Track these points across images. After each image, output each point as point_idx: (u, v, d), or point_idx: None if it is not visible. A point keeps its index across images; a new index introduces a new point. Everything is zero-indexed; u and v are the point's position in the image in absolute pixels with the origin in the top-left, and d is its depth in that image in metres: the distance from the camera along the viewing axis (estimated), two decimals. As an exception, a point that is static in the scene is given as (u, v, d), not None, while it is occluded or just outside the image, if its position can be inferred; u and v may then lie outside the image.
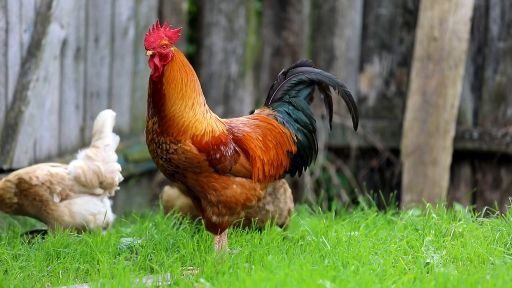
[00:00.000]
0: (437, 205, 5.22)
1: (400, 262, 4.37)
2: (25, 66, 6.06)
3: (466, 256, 4.47)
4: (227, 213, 4.43)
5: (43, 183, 5.09)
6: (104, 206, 5.19)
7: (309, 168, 5.25)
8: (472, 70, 7.48)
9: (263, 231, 4.85)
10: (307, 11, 7.80)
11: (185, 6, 7.77)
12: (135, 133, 7.42)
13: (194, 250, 4.55)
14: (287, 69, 4.64)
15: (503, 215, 5.06)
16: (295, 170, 4.63)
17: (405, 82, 7.67)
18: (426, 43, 7.42)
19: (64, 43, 6.47)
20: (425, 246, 4.59)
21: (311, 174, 7.70)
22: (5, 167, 5.92)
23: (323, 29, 7.80)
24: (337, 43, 7.77)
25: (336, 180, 7.73)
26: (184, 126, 4.35)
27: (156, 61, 4.34)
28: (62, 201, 5.11)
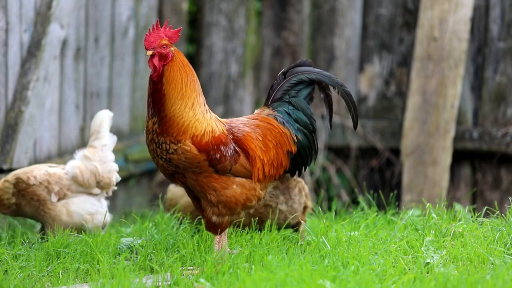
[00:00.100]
0: (437, 205, 5.22)
1: (400, 262, 4.37)
2: (25, 66, 6.06)
3: (466, 256, 4.47)
4: (227, 213, 4.43)
5: (40, 183, 5.09)
6: (101, 206, 5.19)
7: (309, 168, 5.25)
8: (472, 70, 7.48)
9: (263, 231, 4.84)
10: (307, 11, 7.80)
11: (185, 6, 7.77)
12: (135, 133, 7.42)
13: (194, 250, 4.55)
14: (286, 69, 4.63)
15: (503, 215, 5.06)
16: (295, 170, 4.62)
17: (405, 82, 7.66)
18: (426, 43, 7.41)
19: (64, 43, 6.47)
20: (425, 246, 4.59)
21: (311, 174, 7.70)
22: (5, 167, 5.92)
23: (323, 29, 7.80)
24: (337, 43, 7.77)
25: (336, 180, 7.72)
26: (184, 126, 4.34)
27: (156, 61, 4.34)
28: (59, 200, 5.11)
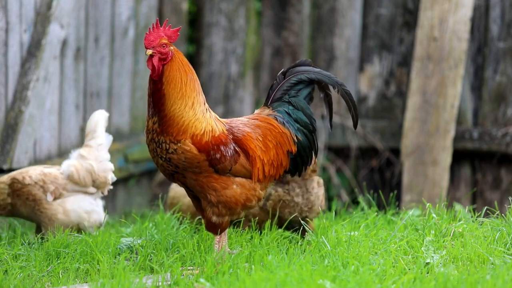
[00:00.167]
0: (437, 205, 5.22)
1: (400, 262, 4.37)
2: (25, 66, 6.05)
3: (466, 256, 4.47)
4: (227, 214, 4.43)
5: (36, 182, 5.10)
6: (97, 205, 5.21)
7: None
8: (472, 70, 7.48)
9: (263, 231, 4.84)
10: (307, 11, 7.80)
11: (185, 6, 7.77)
12: (135, 133, 7.42)
13: (194, 250, 4.55)
14: (286, 69, 4.63)
15: (503, 215, 5.06)
16: (295, 170, 4.62)
17: (405, 82, 7.66)
18: (426, 43, 7.41)
19: (64, 43, 6.47)
20: (425, 246, 4.59)
21: (311, 174, 7.69)
22: (5, 167, 5.92)
23: (323, 29, 7.79)
24: (337, 43, 7.77)
25: (336, 180, 7.72)
26: (184, 125, 4.34)
27: (155, 61, 4.34)
28: (55, 200, 5.12)
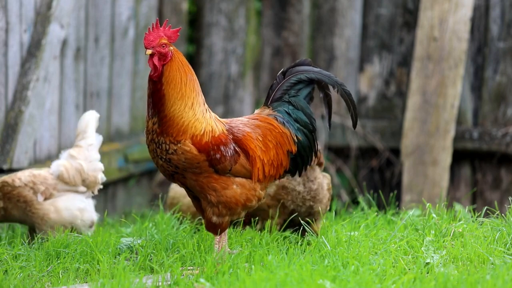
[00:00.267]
0: (437, 205, 5.22)
1: (400, 262, 4.37)
2: (25, 66, 6.05)
3: (466, 256, 4.47)
4: (227, 214, 4.43)
5: (26, 184, 5.13)
6: (89, 203, 5.23)
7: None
8: (472, 70, 7.48)
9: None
10: (307, 11, 7.80)
11: (185, 6, 7.77)
12: (135, 133, 7.42)
13: (194, 250, 4.55)
14: (286, 69, 4.62)
15: (503, 215, 5.06)
16: (295, 170, 4.62)
17: (405, 82, 7.66)
18: (426, 43, 7.41)
19: (64, 43, 6.47)
20: (425, 246, 4.59)
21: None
22: (5, 167, 5.93)
23: (323, 29, 7.79)
24: (337, 43, 7.77)
25: (336, 180, 7.72)
26: (184, 126, 4.34)
27: (155, 61, 4.34)
28: (46, 200, 5.14)
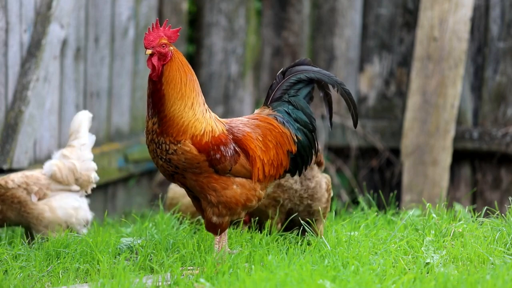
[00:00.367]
0: (437, 205, 5.22)
1: (400, 262, 4.37)
2: (25, 66, 6.05)
3: (466, 256, 4.47)
4: (227, 214, 4.42)
5: (19, 185, 5.15)
6: (83, 202, 5.25)
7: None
8: (472, 70, 7.48)
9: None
10: (307, 11, 7.80)
11: (185, 6, 7.77)
12: (135, 133, 7.42)
13: (194, 250, 4.55)
14: (285, 68, 4.62)
15: (503, 215, 5.06)
16: (295, 169, 4.62)
17: (405, 82, 7.66)
18: (426, 43, 7.41)
19: (64, 43, 6.47)
20: (425, 246, 4.59)
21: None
22: (5, 167, 5.93)
23: (323, 29, 7.79)
24: (337, 43, 7.77)
25: (336, 180, 7.72)
26: (184, 126, 4.34)
27: (155, 61, 4.34)
28: (40, 200, 5.16)
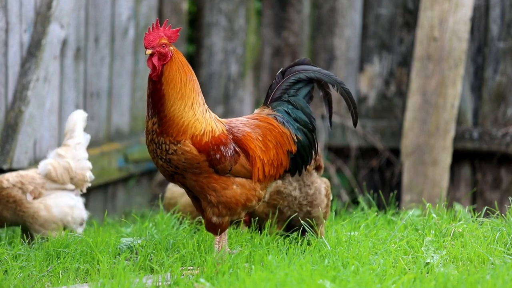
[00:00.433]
0: (437, 205, 5.22)
1: (400, 262, 4.37)
2: (25, 66, 6.05)
3: (466, 256, 4.47)
4: (227, 214, 4.42)
5: (14, 185, 5.16)
6: (78, 201, 5.25)
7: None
8: (472, 70, 7.48)
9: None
10: (307, 11, 7.80)
11: (185, 6, 7.77)
12: (135, 133, 7.42)
13: (194, 250, 4.55)
14: (285, 68, 4.62)
15: (503, 215, 5.06)
16: (295, 169, 4.62)
17: (405, 82, 7.66)
18: (426, 43, 7.41)
19: (64, 43, 6.47)
20: (425, 246, 4.59)
21: (311, 174, 7.69)
22: (5, 167, 5.93)
23: (323, 29, 7.79)
24: (337, 43, 7.77)
25: (336, 180, 7.72)
26: (184, 126, 4.34)
27: (155, 60, 4.34)
28: (35, 199, 5.16)
